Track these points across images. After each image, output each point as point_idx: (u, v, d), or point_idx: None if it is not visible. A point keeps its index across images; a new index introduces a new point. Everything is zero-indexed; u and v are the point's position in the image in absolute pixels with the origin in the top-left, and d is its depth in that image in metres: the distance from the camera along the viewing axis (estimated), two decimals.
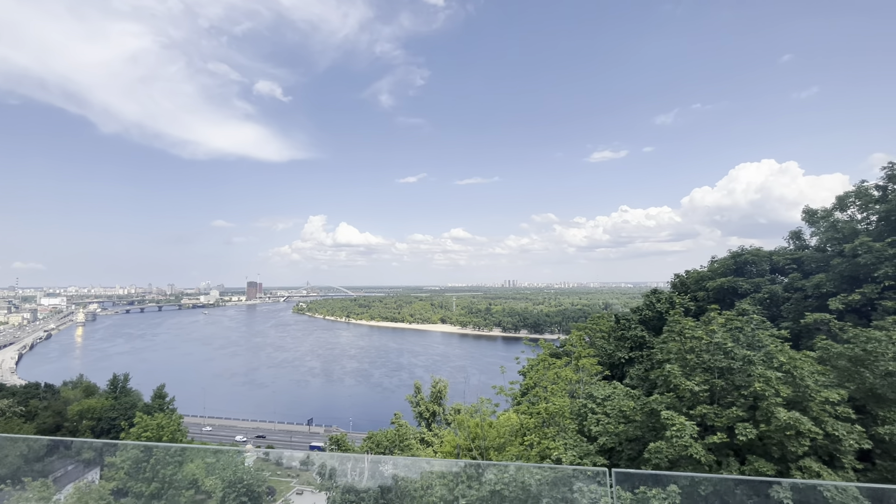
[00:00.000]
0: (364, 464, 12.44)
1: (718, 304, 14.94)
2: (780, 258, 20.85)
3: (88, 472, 10.72)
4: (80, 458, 10.97)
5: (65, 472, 10.25)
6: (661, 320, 20.79)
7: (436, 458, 18.49)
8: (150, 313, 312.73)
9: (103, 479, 10.56)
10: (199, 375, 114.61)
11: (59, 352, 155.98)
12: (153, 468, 10.24)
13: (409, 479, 9.01)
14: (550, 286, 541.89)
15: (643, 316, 23.55)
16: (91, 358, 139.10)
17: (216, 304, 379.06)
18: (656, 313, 22.75)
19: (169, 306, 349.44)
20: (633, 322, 23.60)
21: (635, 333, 22.35)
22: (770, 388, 7.27)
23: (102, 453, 11.36)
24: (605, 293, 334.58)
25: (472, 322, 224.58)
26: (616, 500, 4.85)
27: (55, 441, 10.85)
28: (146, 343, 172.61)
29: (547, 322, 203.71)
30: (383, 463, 11.67)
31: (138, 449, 11.45)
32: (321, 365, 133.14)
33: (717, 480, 5.32)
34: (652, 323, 23.00)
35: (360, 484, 10.15)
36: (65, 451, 11.10)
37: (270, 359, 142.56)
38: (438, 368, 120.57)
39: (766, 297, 18.99)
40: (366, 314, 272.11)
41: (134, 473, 9.96)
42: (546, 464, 7.60)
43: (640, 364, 18.77)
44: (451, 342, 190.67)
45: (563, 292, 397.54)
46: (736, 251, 23.36)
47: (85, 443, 12.13)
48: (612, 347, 22.88)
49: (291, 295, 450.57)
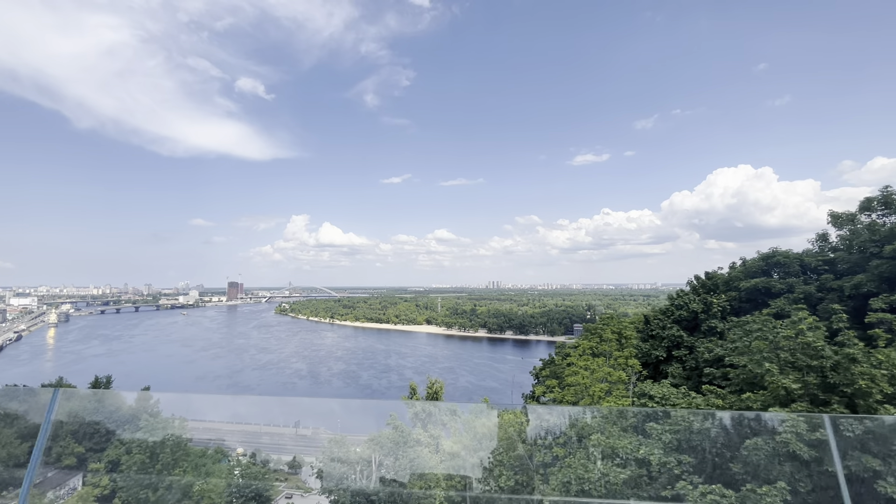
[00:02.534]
0: (372, 466, 12.60)
1: (751, 304, 15.54)
2: (811, 259, 21.21)
3: (70, 478, 10.55)
4: (62, 464, 10.80)
5: (44, 479, 10.11)
6: (696, 320, 21.48)
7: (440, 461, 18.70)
8: (127, 314, 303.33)
9: (86, 485, 10.43)
10: (181, 378, 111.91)
11: (30, 354, 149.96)
12: (158, 473, 10.18)
13: (416, 481, 9.19)
14: (534, 287, 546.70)
15: (677, 316, 24.20)
16: (65, 360, 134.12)
17: (196, 305, 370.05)
18: (691, 313, 23.43)
19: (146, 307, 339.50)
20: (666, 322, 24.28)
21: (671, 333, 22.97)
22: (875, 385, 7.54)
23: (85, 459, 11.23)
24: (587, 294, 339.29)
25: (458, 323, 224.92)
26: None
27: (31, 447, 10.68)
28: (123, 345, 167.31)
29: (532, 323, 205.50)
30: (390, 465, 11.83)
31: (142, 453, 11.31)
32: (307, 367, 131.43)
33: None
34: (684, 323, 23.71)
35: (368, 487, 10.04)
36: (44, 457, 10.89)
37: (254, 360, 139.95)
38: (427, 370, 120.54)
39: (800, 297, 19.20)
40: (350, 315, 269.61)
41: (133, 479, 9.84)
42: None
43: (678, 363, 19.41)
44: (438, 343, 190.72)
45: (547, 293, 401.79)
46: (766, 253, 23.84)
47: (66, 448, 11.93)
48: (647, 347, 23.55)
49: (273, 296, 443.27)
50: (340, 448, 16.38)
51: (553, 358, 32.63)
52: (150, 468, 9.80)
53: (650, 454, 4.98)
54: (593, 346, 24.80)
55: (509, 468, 10.57)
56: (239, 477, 10.07)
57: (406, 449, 26.88)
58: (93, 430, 12.95)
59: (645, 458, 4.99)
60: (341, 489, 11.08)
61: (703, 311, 22.89)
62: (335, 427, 54.86)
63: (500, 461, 12.99)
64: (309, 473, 11.98)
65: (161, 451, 10.36)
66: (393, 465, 12.82)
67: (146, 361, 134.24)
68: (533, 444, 10.47)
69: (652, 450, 5.04)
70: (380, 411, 47.25)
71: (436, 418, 34.18)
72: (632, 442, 5.38)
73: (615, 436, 5.71)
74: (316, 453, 19.13)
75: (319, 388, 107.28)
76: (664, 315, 24.99)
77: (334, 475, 12.07)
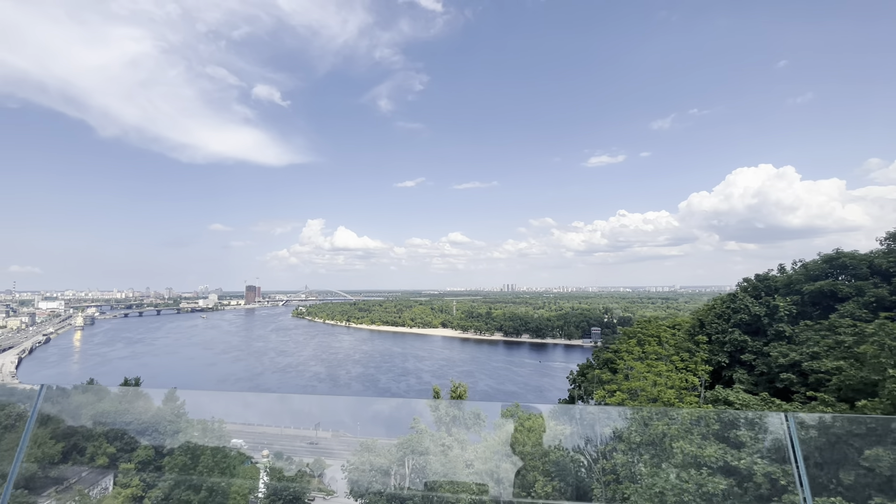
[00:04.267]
0: (405, 469, 12.26)
1: (816, 307, 14.78)
2: (881, 261, 20.08)
3: (102, 478, 10.54)
4: (95, 464, 10.81)
5: (79, 478, 10.07)
6: (759, 324, 20.63)
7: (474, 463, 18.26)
8: (149, 317, 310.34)
9: (117, 485, 10.39)
10: (204, 380, 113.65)
11: (58, 356, 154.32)
12: (199, 474, 10.01)
13: (446, 486, 8.92)
14: (549, 290, 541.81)
15: (737, 320, 23.37)
16: (91, 362, 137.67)
17: (215, 308, 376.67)
18: (753, 317, 22.58)
19: (167, 310, 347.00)
20: (726, 326, 23.43)
21: (734, 337, 22.17)
22: None
23: (117, 459, 11.18)
24: (604, 297, 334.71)
25: (473, 326, 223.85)
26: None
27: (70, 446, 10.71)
28: (147, 347, 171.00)
29: (548, 326, 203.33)
30: (419, 468, 11.55)
31: (184, 455, 11.19)
32: (326, 370, 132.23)
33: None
34: (744, 327, 22.82)
35: (401, 491, 9.72)
36: (78, 458, 10.91)
37: (274, 363, 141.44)
38: (445, 373, 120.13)
39: (871, 300, 18.23)
40: (366, 318, 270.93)
41: (175, 480, 9.73)
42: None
43: (743, 367, 18.61)
44: (454, 346, 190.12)
45: (563, 296, 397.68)
46: (830, 254, 22.84)
47: (98, 448, 11.94)
48: (706, 351, 22.72)
49: (290, 299, 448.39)
50: (370, 451, 16.09)
51: (592, 363, 31.83)
52: (191, 470, 9.64)
53: (753, 463, 4.46)
54: (646, 350, 23.92)
55: (544, 473, 10.08)
56: (274, 479, 9.86)
57: (434, 453, 26.46)
58: (123, 430, 12.90)
59: (748, 469, 4.47)
60: (372, 493, 10.76)
61: (766, 315, 21.97)
62: (355, 429, 54.74)
63: (534, 466, 12.47)
64: (334, 476, 11.70)
65: (202, 453, 10.20)
66: (422, 469, 12.42)
67: (169, 364, 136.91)
68: (579, 450, 9.94)
69: (754, 459, 4.52)
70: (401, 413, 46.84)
71: (460, 421, 33.63)
72: (717, 450, 4.87)
73: (696, 443, 5.18)
74: (338, 455, 18.77)
75: (338, 392, 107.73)
76: (721, 319, 24.04)
77: (364, 479, 11.75)
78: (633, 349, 24.30)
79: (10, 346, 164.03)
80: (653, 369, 19.83)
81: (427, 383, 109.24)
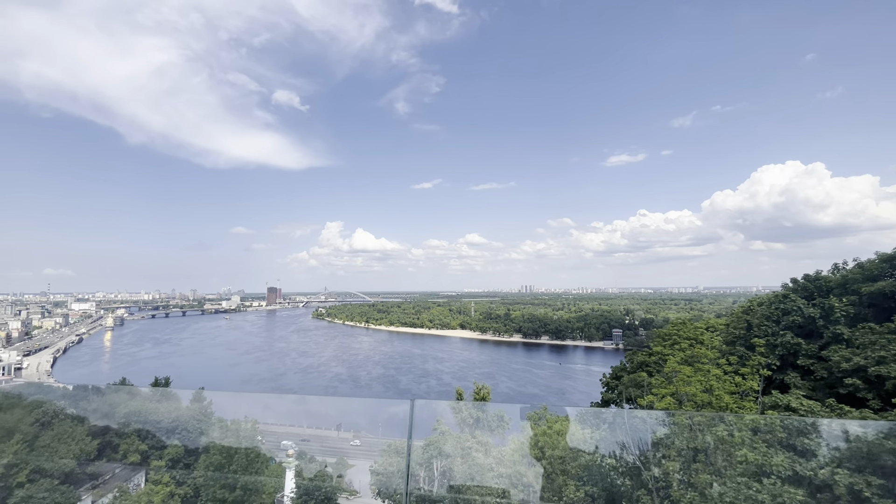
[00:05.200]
0: (434, 472, 12.13)
1: (875, 310, 14.06)
2: None
3: (135, 475, 10.74)
4: (127, 460, 11.01)
5: (113, 475, 10.22)
6: (812, 326, 19.81)
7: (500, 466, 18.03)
8: (175, 318, 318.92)
9: (149, 482, 10.56)
10: (228, 380, 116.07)
11: (90, 356, 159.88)
12: (233, 473, 10.08)
13: (473, 489, 8.84)
14: (568, 291, 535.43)
15: (790, 322, 22.46)
16: (122, 362, 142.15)
17: (237, 310, 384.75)
18: (807, 319, 21.70)
19: (192, 311, 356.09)
20: (776, 328, 22.57)
21: (786, 340, 21.34)
22: None
23: (148, 456, 11.37)
24: (624, 298, 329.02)
25: (492, 328, 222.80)
26: None
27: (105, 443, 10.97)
28: (173, 348, 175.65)
29: (568, 328, 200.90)
30: (450, 470, 11.48)
31: (220, 454, 11.31)
32: (347, 371, 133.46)
33: None
34: (796, 329, 21.93)
35: (433, 493, 9.95)
36: (112, 454, 11.14)
37: (296, 364, 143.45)
38: (465, 375, 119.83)
39: None
40: (385, 319, 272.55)
41: (211, 478, 9.85)
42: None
43: (796, 372, 17.83)
44: (473, 348, 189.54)
45: (582, 297, 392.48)
46: (890, 253, 21.58)
47: (131, 445, 12.27)
48: (756, 356, 21.89)
49: (310, 300, 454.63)
50: (398, 454, 16.03)
51: (625, 365, 31.03)
52: (226, 468, 9.77)
53: (833, 473, 4.10)
54: (694, 353, 23.09)
55: (575, 478, 9.79)
56: (300, 479, 9.89)
57: (459, 455, 26.32)
58: (154, 429, 13.16)
59: (823, 479, 4.12)
60: (399, 494, 10.70)
61: (820, 317, 21.21)
62: (376, 431, 54.98)
63: (563, 470, 12.12)
64: (357, 477, 11.67)
65: (236, 452, 10.33)
66: (448, 471, 12.27)
67: (195, 364, 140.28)
68: (615, 455, 9.61)
69: (832, 469, 4.16)
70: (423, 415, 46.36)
71: (483, 423, 33.46)
72: (785, 459, 4.52)
73: (761, 451, 4.82)
74: (354, 455, 18.70)
75: (360, 393, 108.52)
76: (769, 320, 23.13)
77: (392, 481, 11.71)
78: (675, 352, 23.55)
79: (45, 346, 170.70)
80: (701, 373, 19.09)
81: (448, 385, 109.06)
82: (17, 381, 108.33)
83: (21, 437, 9.99)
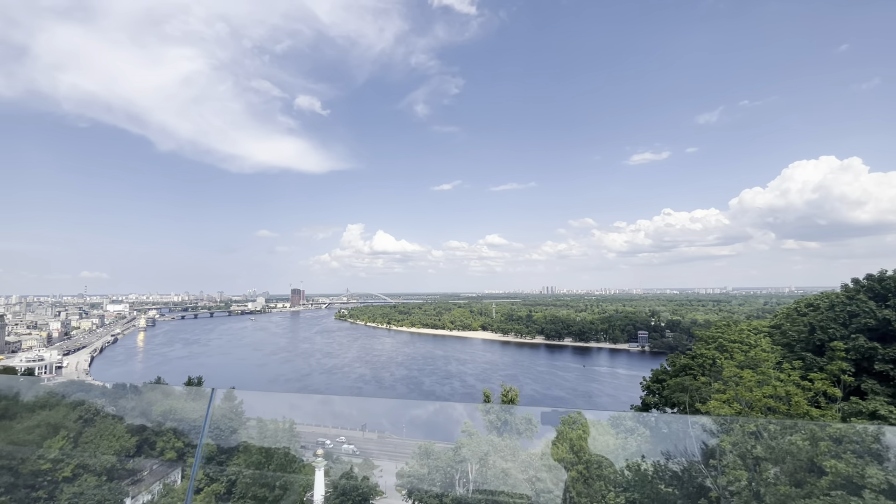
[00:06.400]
0: (469, 475, 11.96)
1: None
2: None
3: (171, 471, 10.90)
4: (164, 457, 11.19)
5: (150, 471, 10.40)
6: (886, 329, 18.76)
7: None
8: (203, 319, 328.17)
9: (184, 478, 10.69)
10: (256, 380, 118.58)
11: (125, 355, 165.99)
12: (271, 472, 10.12)
13: (505, 492, 8.64)
14: (591, 293, 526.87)
15: (861, 324, 21.37)
16: (154, 361, 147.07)
17: (262, 311, 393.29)
18: (880, 321, 20.60)
19: (219, 312, 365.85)
20: (845, 332, 21.50)
21: (859, 344, 20.31)
22: None
23: (183, 454, 11.52)
24: (649, 300, 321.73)
25: (514, 329, 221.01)
26: None
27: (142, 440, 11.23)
28: (202, 348, 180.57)
29: (592, 330, 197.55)
30: (482, 473, 11.28)
31: (259, 454, 11.41)
32: (371, 372, 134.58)
33: None
34: (866, 333, 20.84)
35: (469, 496, 9.46)
36: (149, 451, 11.36)
37: (320, 365, 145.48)
38: (489, 377, 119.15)
39: None
40: (406, 321, 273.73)
41: (249, 477, 9.92)
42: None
43: (872, 378, 16.87)
44: (495, 349, 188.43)
45: (605, 299, 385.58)
46: None
47: (168, 442, 12.58)
48: (837, 360, 20.85)
49: (332, 302, 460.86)
50: (429, 456, 15.94)
51: (667, 369, 30.06)
52: (265, 467, 9.87)
53: None
54: (755, 356, 22.07)
55: (615, 484, 9.46)
56: (329, 479, 9.88)
57: (491, 458, 26.09)
58: (188, 427, 13.39)
59: None
60: (431, 496, 10.58)
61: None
62: (400, 432, 55.19)
63: (600, 476, 11.74)
64: (383, 479, 11.60)
65: (275, 452, 10.44)
66: (479, 475, 12.12)
67: (223, 364, 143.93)
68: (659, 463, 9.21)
69: None
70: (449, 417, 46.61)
71: (512, 426, 33.17)
72: (878, 472, 4.08)
73: (852, 462, 4.37)
74: (383, 457, 18.63)
75: (384, 394, 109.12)
76: (836, 322, 21.96)
77: (424, 483, 11.60)
78: (721, 355, 22.60)
79: (83, 345, 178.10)
80: (765, 377, 18.11)
81: (472, 386, 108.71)
82: (59, 380, 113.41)
83: (66, 433, 10.28)
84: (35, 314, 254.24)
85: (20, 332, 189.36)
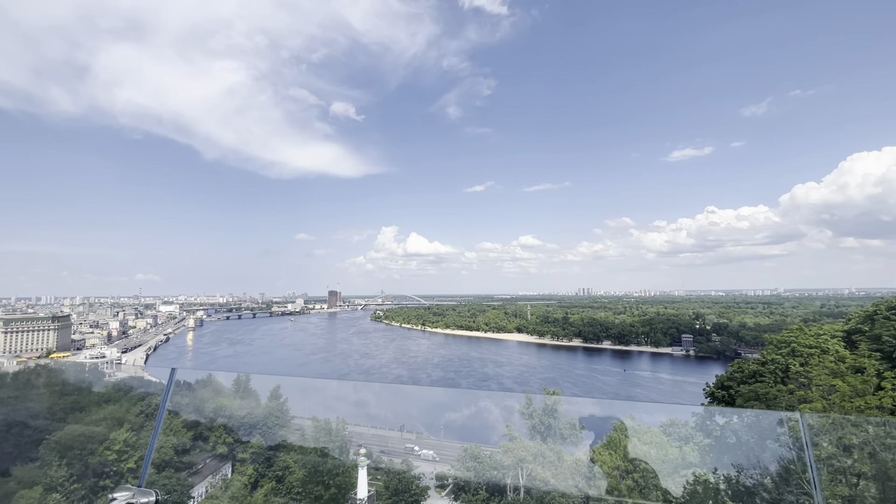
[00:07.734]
0: (520, 479, 11.78)
1: None
2: None
3: (222, 466, 11.14)
4: (216, 452, 11.47)
5: (204, 465, 10.77)
6: None
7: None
8: (246, 320, 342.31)
9: (235, 472, 10.84)
10: None
11: (176, 353, 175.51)
12: (329, 472, 10.19)
13: (560, 497, 8.48)
14: (629, 294, 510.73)
15: None
16: (203, 360, 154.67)
17: (301, 312, 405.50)
18: None
19: (261, 314, 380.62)
20: None
21: None
22: None
23: (234, 449, 11.80)
24: (693, 302, 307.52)
25: (550, 331, 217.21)
26: None
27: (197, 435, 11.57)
28: (246, 348, 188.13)
29: (632, 333, 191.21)
30: (530, 476, 11.02)
31: (315, 453, 11.59)
32: (407, 373, 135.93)
33: None
34: None
35: (520, 499, 9.53)
36: (202, 445, 11.66)
37: (358, 365, 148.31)
38: (526, 380, 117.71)
39: None
40: (441, 322, 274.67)
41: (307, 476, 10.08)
42: None
43: None
44: (531, 352, 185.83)
45: (645, 301, 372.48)
46: None
47: (219, 438, 13.00)
48: None
49: (368, 303, 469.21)
50: (475, 459, 15.80)
51: (734, 374, 28.52)
52: (320, 465, 10.07)
53: None
54: (845, 364, 20.59)
55: (669, 494, 8.99)
56: (372, 478, 9.95)
57: (537, 462, 25.60)
58: (238, 423, 13.82)
59: None
60: (479, 500, 10.50)
61: None
62: (437, 433, 55.01)
63: (655, 486, 11.22)
64: (450, 490, 11.56)
65: (329, 451, 10.65)
66: (528, 480, 11.93)
67: (266, 363, 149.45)
68: (726, 473, 8.68)
69: None
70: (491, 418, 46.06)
71: (555, 431, 32.49)
72: None
73: None
74: (414, 456, 18.64)
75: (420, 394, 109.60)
76: None
77: (471, 485, 11.51)
78: (826, 363, 20.98)
79: (139, 344, 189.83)
80: (866, 385, 16.79)
81: (510, 389, 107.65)
82: (120, 375, 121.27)
83: (129, 426, 10.80)
84: (96, 314, 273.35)
85: (84, 331, 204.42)
